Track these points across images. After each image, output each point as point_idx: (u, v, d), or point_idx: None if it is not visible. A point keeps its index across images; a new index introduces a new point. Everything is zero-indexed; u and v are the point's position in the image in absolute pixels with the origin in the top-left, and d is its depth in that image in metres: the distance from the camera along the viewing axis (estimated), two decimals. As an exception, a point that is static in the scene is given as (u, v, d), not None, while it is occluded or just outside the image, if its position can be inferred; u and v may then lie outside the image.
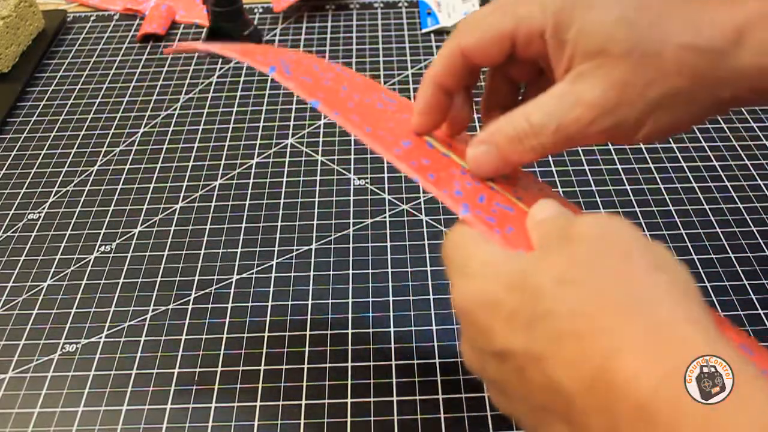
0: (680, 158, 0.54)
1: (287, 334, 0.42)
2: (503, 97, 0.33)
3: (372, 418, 0.38)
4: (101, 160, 0.56)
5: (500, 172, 0.30)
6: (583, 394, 0.21)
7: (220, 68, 0.66)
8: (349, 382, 0.40)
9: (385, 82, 0.63)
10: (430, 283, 0.45)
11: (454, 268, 0.26)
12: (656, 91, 0.26)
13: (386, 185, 0.52)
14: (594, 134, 0.27)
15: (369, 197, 0.51)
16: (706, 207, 0.49)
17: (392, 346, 0.41)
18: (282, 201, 0.51)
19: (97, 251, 0.48)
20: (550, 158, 0.54)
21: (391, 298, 0.44)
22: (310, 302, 0.44)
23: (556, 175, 0.52)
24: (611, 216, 0.25)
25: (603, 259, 0.23)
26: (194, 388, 0.40)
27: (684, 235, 0.47)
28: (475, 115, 0.51)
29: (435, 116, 0.31)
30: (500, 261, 0.25)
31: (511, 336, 0.23)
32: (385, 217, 0.49)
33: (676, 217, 0.49)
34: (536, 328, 0.23)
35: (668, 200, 0.50)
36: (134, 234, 0.49)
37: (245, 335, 0.42)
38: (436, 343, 0.41)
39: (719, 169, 0.53)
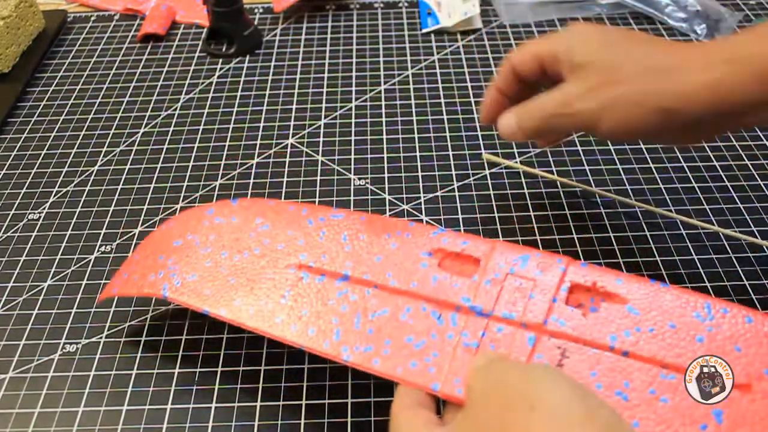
0: (680, 158, 0.54)
1: (287, 334, 0.42)
2: (518, 94, 0.42)
3: (372, 418, 0.38)
4: (101, 160, 0.56)
5: (516, 136, 0.40)
6: None
7: (220, 68, 0.66)
8: (349, 382, 0.40)
9: (385, 82, 0.63)
10: (430, 283, 0.45)
11: None
12: (610, 92, 0.36)
13: (386, 185, 0.52)
14: (570, 120, 0.37)
15: (369, 197, 0.51)
16: (706, 207, 0.49)
17: (392, 346, 0.41)
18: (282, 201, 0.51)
19: (98, 251, 0.48)
20: (551, 158, 0.54)
21: (391, 298, 0.44)
22: (310, 302, 0.44)
23: (556, 175, 0.52)
24: (494, 363, 0.30)
25: (486, 414, 0.27)
26: (194, 388, 0.40)
27: (684, 235, 0.47)
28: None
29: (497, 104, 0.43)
30: None
31: None
32: (385, 217, 0.49)
33: (676, 216, 0.49)
34: None
35: (669, 200, 0.50)
36: (134, 234, 0.49)
37: (245, 335, 0.42)
38: (436, 343, 0.41)
39: (719, 169, 0.53)
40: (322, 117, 0.59)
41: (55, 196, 0.53)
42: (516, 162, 0.54)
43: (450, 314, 0.33)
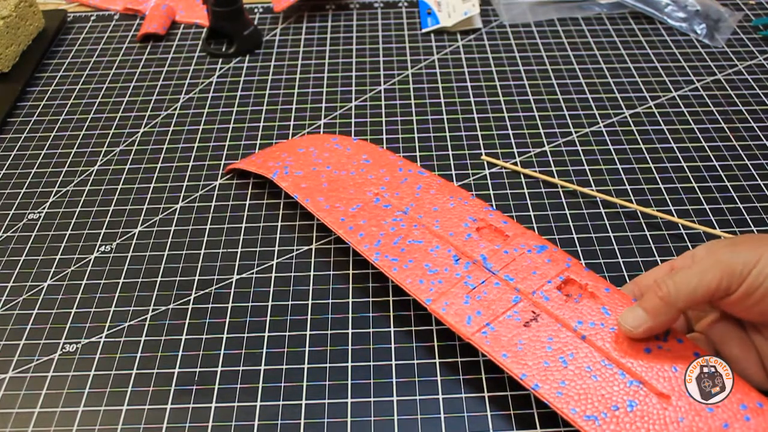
0: (680, 158, 0.54)
1: (287, 334, 0.42)
2: None
3: (372, 418, 0.38)
4: (101, 160, 0.56)
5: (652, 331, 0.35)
6: None
7: (220, 68, 0.66)
8: (349, 382, 0.40)
9: (385, 82, 0.63)
10: (430, 283, 0.45)
11: None
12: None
13: (386, 185, 0.52)
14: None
15: (369, 197, 0.51)
16: (706, 207, 0.49)
17: (392, 346, 0.41)
18: (282, 201, 0.51)
19: (97, 251, 0.48)
20: (551, 158, 0.54)
21: (391, 298, 0.44)
22: (310, 302, 0.44)
23: (556, 175, 0.52)
24: None
25: None
26: (194, 388, 0.40)
27: (684, 235, 0.47)
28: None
29: None
30: None
31: None
32: (385, 217, 0.49)
33: (676, 216, 0.49)
34: None
35: (668, 200, 0.50)
36: (134, 234, 0.49)
37: (245, 335, 0.42)
38: (436, 343, 0.41)
39: (719, 169, 0.53)
40: (322, 117, 0.59)
41: (54, 196, 0.53)
42: (515, 163, 0.54)
43: (466, 261, 0.41)
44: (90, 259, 0.48)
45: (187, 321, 0.43)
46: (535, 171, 0.53)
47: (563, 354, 0.36)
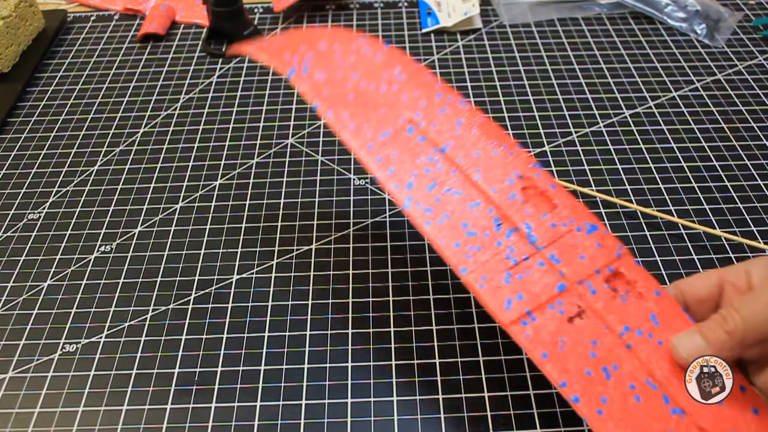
0: (680, 158, 0.54)
1: (287, 334, 0.42)
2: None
3: (372, 418, 0.38)
4: (101, 160, 0.56)
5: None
6: None
7: (220, 68, 0.66)
8: (349, 382, 0.40)
9: (385, 82, 0.63)
10: (429, 283, 0.45)
11: None
12: None
13: (386, 185, 0.52)
14: None
15: (369, 197, 0.51)
16: (706, 207, 0.49)
17: (392, 346, 0.41)
18: (282, 201, 0.51)
19: (97, 251, 0.48)
20: (551, 158, 0.54)
21: (391, 298, 0.44)
22: (310, 302, 0.44)
23: (556, 175, 0.52)
24: None
25: None
26: (194, 388, 0.40)
27: (684, 235, 0.47)
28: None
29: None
30: None
31: None
32: (385, 217, 0.49)
33: (676, 216, 0.49)
34: None
35: (668, 200, 0.50)
36: (134, 234, 0.49)
37: (245, 335, 0.42)
38: (436, 343, 0.41)
39: (719, 169, 0.53)
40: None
41: (54, 196, 0.53)
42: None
43: (508, 228, 0.35)
44: (90, 259, 0.48)
45: (187, 321, 0.43)
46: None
47: (607, 364, 0.32)
